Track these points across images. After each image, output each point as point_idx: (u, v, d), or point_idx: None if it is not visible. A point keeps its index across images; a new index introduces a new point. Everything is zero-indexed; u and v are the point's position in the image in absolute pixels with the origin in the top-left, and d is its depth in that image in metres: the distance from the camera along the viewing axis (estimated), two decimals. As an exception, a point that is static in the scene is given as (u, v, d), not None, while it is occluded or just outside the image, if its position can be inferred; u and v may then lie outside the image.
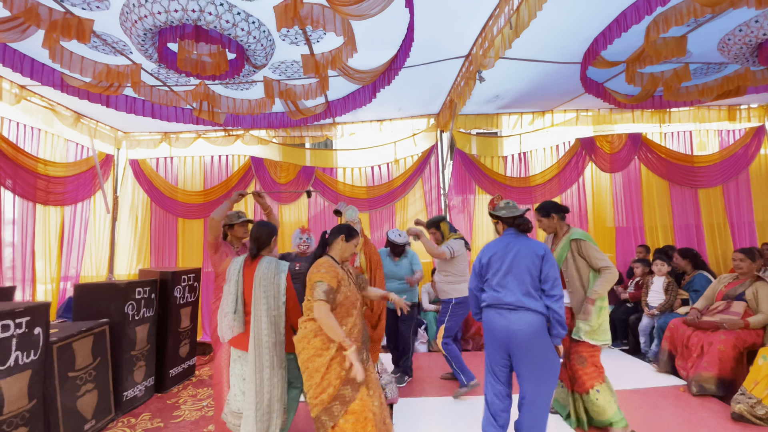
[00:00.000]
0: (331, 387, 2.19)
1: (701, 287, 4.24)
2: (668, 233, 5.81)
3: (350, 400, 2.19)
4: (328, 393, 2.18)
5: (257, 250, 2.61)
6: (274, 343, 2.44)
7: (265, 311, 2.44)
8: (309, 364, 2.24)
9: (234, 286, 2.52)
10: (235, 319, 2.49)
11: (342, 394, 2.19)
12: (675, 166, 5.83)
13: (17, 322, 2.40)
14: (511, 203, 2.73)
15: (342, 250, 2.46)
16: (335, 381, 2.19)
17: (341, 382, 2.19)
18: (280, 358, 2.47)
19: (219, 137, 5.79)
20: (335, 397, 2.18)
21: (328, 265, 2.33)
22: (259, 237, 2.61)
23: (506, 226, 2.68)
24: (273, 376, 2.41)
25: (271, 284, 2.47)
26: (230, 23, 2.88)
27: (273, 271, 2.52)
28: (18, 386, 2.41)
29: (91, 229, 5.51)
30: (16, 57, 3.43)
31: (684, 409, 3.19)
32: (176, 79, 4.00)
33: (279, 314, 2.48)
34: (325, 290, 2.21)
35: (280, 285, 2.49)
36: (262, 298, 2.45)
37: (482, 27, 3.35)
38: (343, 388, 2.20)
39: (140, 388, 3.66)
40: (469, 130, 5.90)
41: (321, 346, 2.24)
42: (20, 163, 4.38)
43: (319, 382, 2.20)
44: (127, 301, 3.50)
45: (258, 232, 2.63)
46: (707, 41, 3.57)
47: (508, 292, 2.42)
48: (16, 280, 4.42)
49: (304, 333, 2.29)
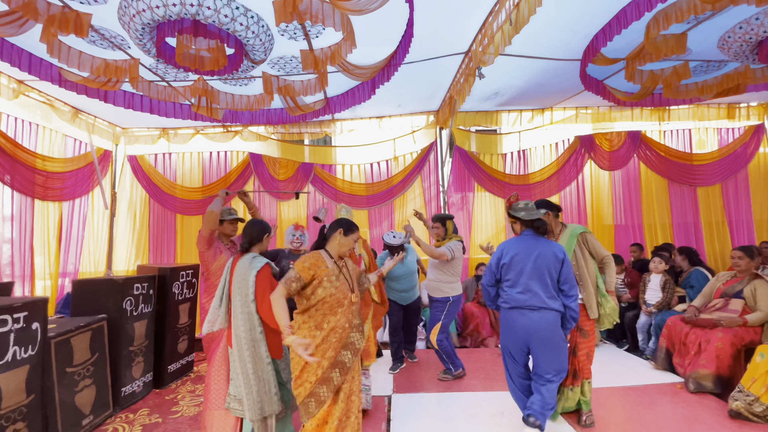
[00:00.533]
0: (307, 382, 2.14)
1: (697, 283, 4.25)
2: (667, 231, 5.82)
3: (324, 400, 2.14)
4: (306, 387, 2.14)
5: (248, 246, 2.61)
6: (252, 340, 2.42)
7: (240, 307, 2.45)
8: (292, 354, 2.18)
9: (222, 281, 2.56)
10: (218, 314, 2.54)
11: (317, 392, 2.14)
12: (674, 164, 5.83)
13: (15, 317, 2.40)
14: (530, 204, 2.81)
15: (340, 245, 2.33)
16: (311, 378, 2.13)
17: (318, 380, 2.13)
18: (260, 356, 2.43)
19: (217, 133, 5.78)
20: (311, 394, 2.14)
21: (311, 256, 2.25)
22: (252, 233, 2.61)
23: (524, 227, 2.79)
24: (257, 370, 2.42)
25: (244, 280, 2.45)
26: (229, 18, 2.87)
27: (247, 267, 2.50)
28: (16, 381, 2.40)
29: (90, 225, 5.50)
30: (14, 51, 3.41)
31: (681, 407, 3.20)
32: (174, 75, 3.99)
33: (249, 311, 2.44)
34: (289, 277, 2.14)
35: (249, 281, 2.45)
36: (237, 295, 2.46)
37: (482, 23, 3.33)
38: (318, 387, 2.14)
39: (138, 383, 3.66)
40: (468, 127, 5.90)
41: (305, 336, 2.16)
42: (18, 158, 4.36)
43: (299, 374, 2.16)
44: (125, 297, 3.49)
45: (251, 228, 2.63)
46: (707, 39, 3.56)
47: (532, 295, 2.62)
48: (15, 276, 4.41)
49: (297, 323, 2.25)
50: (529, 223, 2.75)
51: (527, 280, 2.63)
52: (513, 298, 2.66)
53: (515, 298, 2.66)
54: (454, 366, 3.89)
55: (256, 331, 2.44)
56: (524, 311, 2.64)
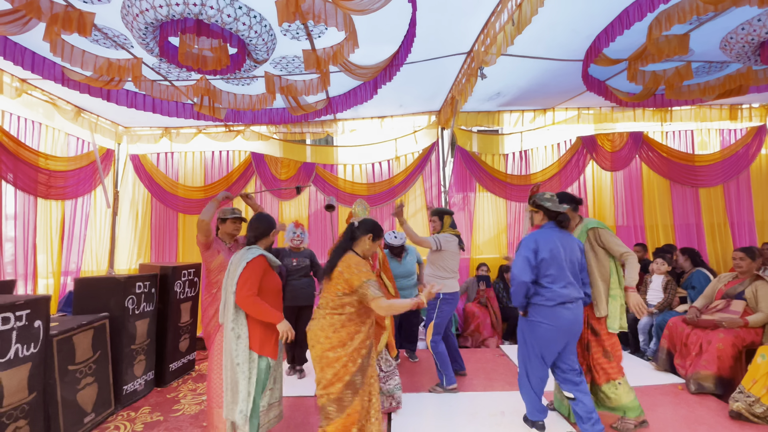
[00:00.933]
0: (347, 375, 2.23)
1: (699, 284, 4.24)
2: (669, 232, 5.81)
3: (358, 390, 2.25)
4: (344, 380, 2.22)
5: (254, 240, 2.57)
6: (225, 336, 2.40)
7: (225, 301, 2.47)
8: (329, 354, 2.24)
9: (226, 276, 2.54)
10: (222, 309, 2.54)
11: (353, 382, 2.24)
12: (676, 165, 5.82)
13: (17, 315, 2.41)
14: (554, 196, 2.79)
15: (366, 249, 2.44)
16: (352, 369, 2.24)
17: (357, 370, 2.26)
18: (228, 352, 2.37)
19: (220, 133, 5.79)
20: (348, 386, 2.23)
21: (361, 263, 2.32)
22: (258, 227, 2.58)
23: (546, 219, 2.76)
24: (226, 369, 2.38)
25: (234, 272, 2.42)
26: (232, 17, 2.88)
27: (238, 258, 2.46)
28: (18, 379, 2.41)
29: (92, 224, 5.52)
30: (17, 50, 3.43)
31: (682, 407, 3.20)
32: (177, 74, 4.00)
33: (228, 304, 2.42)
34: (376, 286, 2.24)
35: (237, 272, 2.39)
36: (225, 287, 2.47)
37: (484, 23, 3.34)
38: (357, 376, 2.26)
39: (140, 382, 3.67)
40: (470, 128, 5.90)
41: (345, 338, 2.26)
42: (21, 157, 4.38)
43: (337, 372, 2.23)
44: (127, 296, 3.50)
45: (257, 222, 2.60)
46: (710, 39, 3.56)
47: (573, 288, 2.64)
48: (18, 274, 4.43)
49: (322, 325, 2.29)
50: (553, 215, 2.72)
51: (567, 273, 2.62)
52: (558, 293, 2.58)
53: (560, 294, 2.58)
54: (447, 379, 3.61)
55: (228, 327, 2.39)
56: (568, 306, 2.61)
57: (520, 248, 2.71)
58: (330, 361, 2.23)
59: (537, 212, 2.82)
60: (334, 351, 2.23)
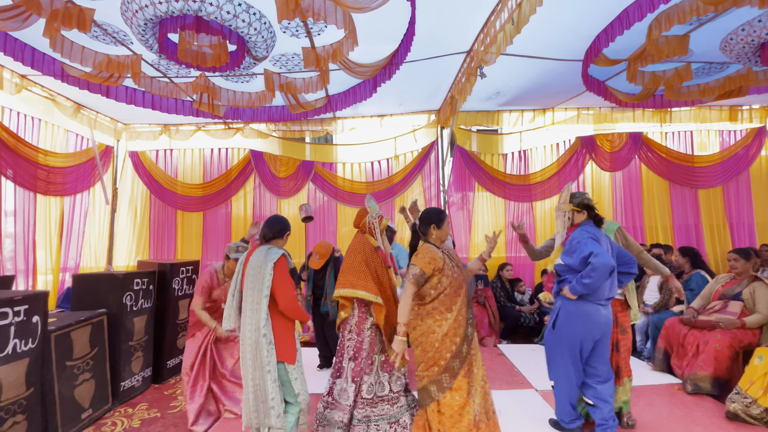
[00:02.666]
0: (442, 360, 2.39)
1: (697, 286, 4.24)
2: (668, 233, 5.82)
3: (457, 373, 2.39)
4: (440, 365, 2.39)
5: (270, 238, 2.48)
6: (254, 342, 2.25)
7: (250, 304, 2.30)
8: (422, 340, 2.44)
9: (235, 277, 2.45)
10: (233, 314, 2.41)
11: (451, 367, 2.39)
12: (675, 166, 5.83)
13: (15, 310, 2.41)
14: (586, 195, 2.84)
15: (438, 237, 2.59)
16: (446, 355, 2.39)
17: (451, 356, 2.40)
18: (260, 361, 2.23)
19: (219, 130, 5.79)
20: (445, 370, 2.39)
21: (428, 251, 2.49)
22: (275, 226, 2.49)
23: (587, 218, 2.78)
24: (255, 377, 2.25)
25: (258, 274, 2.29)
26: (231, 14, 2.88)
27: (263, 259, 2.33)
28: (16, 374, 2.42)
29: (91, 220, 5.52)
30: (17, 46, 3.43)
31: (679, 408, 3.20)
32: (176, 71, 4.00)
33: (259, 308, 2.27)
34: (415, 273, 2.39)
35: (265, 275, 2.26)
36: (249, 290, 2.31)
37: (484, 22, 3.34)
38: (452, 362, 2.40)
39: (137, 378, 3.67)
40: (469, 127, 5.90)
41: (433, 325, 2.43)
42: (21, 152, 4.38)
43: (432, 356, 2.40)
44: (125, 292, 3.50)
45: (274, 221, 2.51)
46: (709, 40, 3.56)
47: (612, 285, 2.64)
48: (18, 270, 4.44)
49: (416, 314, 2.50)
50: (594, 214, 2.76)
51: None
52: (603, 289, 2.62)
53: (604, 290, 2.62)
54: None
55: (260, 332, 2.26)
56: (606, 304, 2.65)
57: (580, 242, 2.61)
58: (426, 346, 2.43)
59: (581, 212, 2.79)
60: (425, 336, 2.43)
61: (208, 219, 5.98)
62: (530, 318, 5.36)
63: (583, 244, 2.59)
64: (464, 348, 2.44)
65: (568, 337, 2.69)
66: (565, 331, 2.71)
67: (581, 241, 2.61)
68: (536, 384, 3.74)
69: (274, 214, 2.61)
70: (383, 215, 3.11)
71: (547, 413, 3.15)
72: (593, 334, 2.65)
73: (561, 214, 2.84)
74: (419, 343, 2.47)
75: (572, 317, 2.68)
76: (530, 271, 5.95)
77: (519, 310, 5.42)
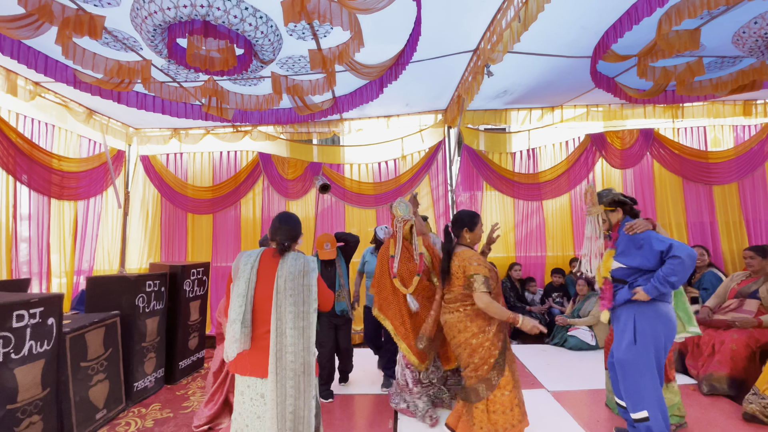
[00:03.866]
0: (492, 358, 2.47)
1: (711, 285, 4.16)
2: (682, 231, 5.71)
3: (503, 369, 2.48)
4: (489, 363, 2.47)
5: (288, 244, 2.10)
6: (302, 365, 1.90)
7: (291, 321, 1.91)
8: (473, 341, 2.51)
9: (243, 287, 1.96)
10: (242, 330, 1.92)
11: (498, 364, 2.48)
12: (689, 162, 5.72)
13: (31, 312, 2.47)
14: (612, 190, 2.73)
15: (471, 240, 2.65)
16: (495, 353, 2.48)
17: (499, 353, 2.49)
18: (308, 386, 1.92)
19: (227, 133, 5.85)
20: (493, 367, 2.48)
21: (478, 257, 2.54)
22: (290, 228, 2.13)
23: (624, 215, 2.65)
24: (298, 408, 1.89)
25: (300, 286, 1.96)
26: (238, 18, 2.90)
27: (301, 269, 1.99)
28: (32, 375, 2.47)
29: (104, 224, 5.61)
30: (30, 54, 3.50)
31: (694, 409, 3.15)
32: (185, 75, 4.05)
33: (308, 324, 1.94)
34: (483, 282, 2.45)
35: (311, 287, 1.97)
36: (290, 305, 1.92)
37: (490, 20, 3.32)
38: (499, 358, 2.49)
39: (150, 379, 3.73)
40: (476, 126, 5.87)
41: (483, 325, 2.51)
42: (35, 158, 4.47)
43: (482, 356, 2.48)
44: (137, 294, 3.56)
45: (287, 221, 2.15)
46: (721, 34, 3.49)
47: None
48: (32, 273, 4.52)
49: (459, 317, 2.56)
50: (629, 209, 2.62)
51: None
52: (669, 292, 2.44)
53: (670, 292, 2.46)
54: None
55: (309, 351, 1.92)
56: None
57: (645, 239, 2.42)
58: (475, 346, 2.50)
59: (615, 210, 2.62)
60: (476, 338, 2.50)
61: (217, 221, 6.04)
62: (541, 318, 5.31)
63: (652, 239, 2.37)
64: (506, 344, 2.55)
65: (655, 344, 2.40)
66: (651, 339, 2.39)
67: (645, 237, 2.39)
68: (547, 384, 3.71)
69: (284, 213, 2.25)
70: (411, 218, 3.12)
71: (559, 413, 3.12)
72: (674, 331, 2.45)
73: (593, 219, 2.63)
74: (469, 344, 2.53)
75: (654, 321, 2.40)
76: (541, 270, 5.90)
77: (529, 310, 5.37)
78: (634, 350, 2.42)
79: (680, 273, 2.23)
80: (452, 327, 2.59)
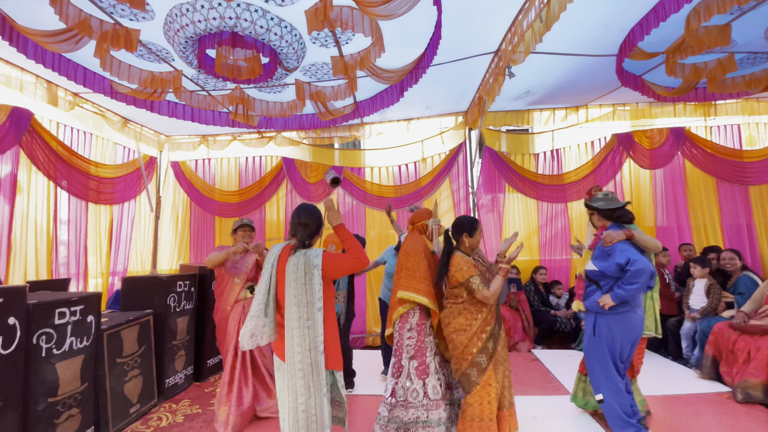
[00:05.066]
0: (469, 355, 2.52)
1: (746, 290, 3.99)
2: (717, 233, 5.47)
3: (485, 367, 2.52)
4: (468, 360, 2.53)
5: (309, 240, 2.06)
6: (310, 364, 1.90)
7: (296, 320, 1.92)
8: (454, 337, 2.59)
9: (266, 282, 1.99)
10: (265, 324, 1.96)
11: (478, 362, 2.52)
12: (723, 162, 5.49)
13: (72, 310, 2.62)
14: (610, 194, 2.71)
15: (470, 245, 2.71)
16: (474, 349, 2.52)
17: (478, 351, 2.53)
18: (317, 385, 1.91)
19: (253, 139, 6.02)
20: (472, 364, 2.52)
21: (463, 260, 2.61)
22: (310, 224, 2.08)
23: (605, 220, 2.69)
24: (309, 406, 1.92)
25: (302, 285, 1.94)
26: (264, 28, 3.01)
27: (302, 266, 1.95)
28: (72, 370, 2.61)
29: (137, 227, 5.87)
30: (70, 66, 3.72)
31: (728, 417, 3.02)
32: (214, 84, 4.20)
33: (312, 324, 1.92)
34: (480, 281, 2.54)
35: (314, 285, 1.93)
36: (294, 305, 1.93)
37: (511, 22, 3.31)
38: (479, 356, 2.53)
39: (181, 376, 3.86)
40: (498, 128, 5.82)
41: (465, 323, 2.57)
42: (74, 165, 4.73)
43: (462, 351, 2.54)
44: (169, 294, 3.71)
45: (306, 216, 2.09)
46: (753, 29, 3.36)
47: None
48: (70, 274, 4.78)
49: (447, 312, 2.67)
50: (608, 213, 2.64)
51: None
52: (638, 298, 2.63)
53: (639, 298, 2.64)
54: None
55: (317, 350, 1.91)
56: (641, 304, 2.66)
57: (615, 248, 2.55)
58: (456, 342, 2.58)
59: (593, 214, 2.77)
60: (457, 334, 2.58)
61: (243, 224, 6.21)
62: (566, 323, 5.20)
63: (617, 251, 2.53)
64: (490, 344, 2.56)
65: (609, 346, 2.60)
66: (606, 337, 2.61)
67: (613, 248, 2.55)
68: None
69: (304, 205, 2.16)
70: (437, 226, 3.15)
71: (584, 421, 3.05)
72: (633, 335, 2.59)
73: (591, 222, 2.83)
74: (450, 339, 2.62)
75: (612, 325, 2.59)
76: (566, 274, 5.78)
77: (554, 315, 5.27)
78: (592, 342, 2.70)
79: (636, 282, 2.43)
80: (443, 319, 2.71)
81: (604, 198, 2.66)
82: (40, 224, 4.41)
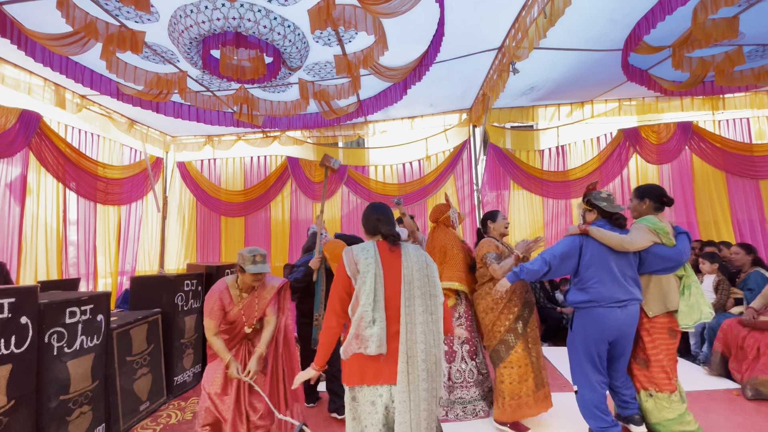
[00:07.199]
0: (498, 333, 2.77)
1: (756, 286, 3.93)
2: (727, 228, 5.41)
3: (513, 345, 2.74)
4: (496, 338, 2.77)
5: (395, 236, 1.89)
6: (434, 363, 1.73)
7: (421, 315, 1.72)
8: (483, 316, 2.87)
9: (371, 283, 1.71)
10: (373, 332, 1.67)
11: (506, 340, 2.75)
12: (732, 156, 5.43)
13: (82, 309, 2.65)
14: (611, 196, 2.72)
15: (496, 230, 3.02)
16: (502, 328, 2.76)
17: (506, 330, 2.76)
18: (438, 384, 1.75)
19: (257, 139, 6.05)
20: (501, 342, 2.77)
21: (487, 241, 2.94)
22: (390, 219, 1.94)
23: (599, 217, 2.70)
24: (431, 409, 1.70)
25: (425, 277, 1.80)
26: (267, 28, 3.02)
27: (424, 260, 1.84)
28: (83, 368, 2.65)
29: (145, 227, 5.93)
30: (77, 69, 3.76)
31: (737, 414, 2.99)
32: (218, 84, 4.23)
33: (438, 318, 1.79)
34: (494, 257, 2.83)
35: (436, 280, 1.84)
36: (418, 297, 1.74)
37: (515, 17, 3.29)
38: (507, 335, 2.76)
39: (189, 374, 3.90)
40: (503, 124, 5.80)
41: (491, 304, 2.83)
42: (82, 166, 4.79)
43: (491, 329, 2.80)
44: (176, 293, 3.74)
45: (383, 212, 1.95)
46: (762, 21, 3.32)
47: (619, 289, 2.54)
48: (80, 274, 4.84)
49: (479, 293, 2.94)
50: (609, 215, 2.65)
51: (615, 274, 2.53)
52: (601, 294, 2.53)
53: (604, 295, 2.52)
54: None
55: (439, 347, 1.77)
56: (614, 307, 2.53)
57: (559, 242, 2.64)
58: (486, 321, 2.84)
59: (591, 211, 2.72)
60: (485, 313, 2.85)
61: (249, 223, 6.25)
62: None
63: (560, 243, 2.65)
64: (519, 325, 2.75)
65: (583, 337, 2.62)
66: (580, 332, 2.64)
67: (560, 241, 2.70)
68: (579, 387, 3.61)
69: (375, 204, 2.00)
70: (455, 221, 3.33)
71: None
72: (603, 333, 2.54)
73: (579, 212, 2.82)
74: (481, 318, 2.89)
75: (581, 317, 2.64)
76: (571, 270, 5.74)
77: (561, 312, 5.25)
78: (570, 336, 2.77)
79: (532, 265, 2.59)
80: (474, 300, 3.00)
81: (608, 199, 2.65)
82: (50, 225, 4.47)
